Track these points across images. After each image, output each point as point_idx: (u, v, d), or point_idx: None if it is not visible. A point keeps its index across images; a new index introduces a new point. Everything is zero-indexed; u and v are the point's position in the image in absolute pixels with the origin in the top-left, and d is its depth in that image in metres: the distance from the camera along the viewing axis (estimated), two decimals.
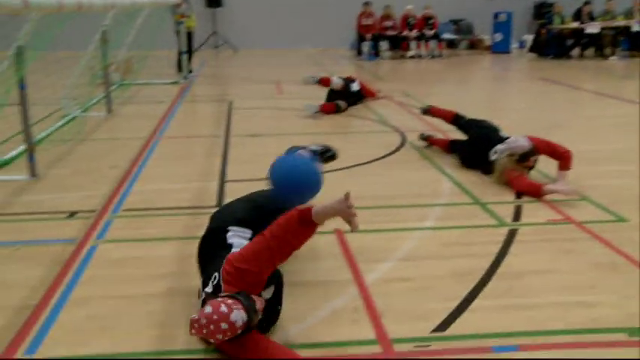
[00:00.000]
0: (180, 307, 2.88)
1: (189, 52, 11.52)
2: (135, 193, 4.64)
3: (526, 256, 3.51)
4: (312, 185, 2.82)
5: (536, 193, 4.51)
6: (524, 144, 4.79)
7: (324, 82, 7.96)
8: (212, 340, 2.32)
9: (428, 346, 2.60)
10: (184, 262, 3.38)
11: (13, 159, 5.50)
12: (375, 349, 2.58)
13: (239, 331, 2.30)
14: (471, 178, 5.00)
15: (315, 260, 3.44)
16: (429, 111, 6.27)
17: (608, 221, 4.05)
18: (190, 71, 11.48)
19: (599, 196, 4.52)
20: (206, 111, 8.41)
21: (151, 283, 3.14)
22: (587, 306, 2.93)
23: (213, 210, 3.47)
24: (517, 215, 4.17)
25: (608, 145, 6.19)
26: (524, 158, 4.77)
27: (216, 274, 2.53)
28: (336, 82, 7.95)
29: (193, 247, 3.50)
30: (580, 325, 2.76)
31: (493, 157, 4.95)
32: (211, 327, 2.25)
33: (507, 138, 5.03)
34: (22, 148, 5.54)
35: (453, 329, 2.73)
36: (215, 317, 2.26)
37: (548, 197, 4.45)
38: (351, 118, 7.63)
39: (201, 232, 3.05)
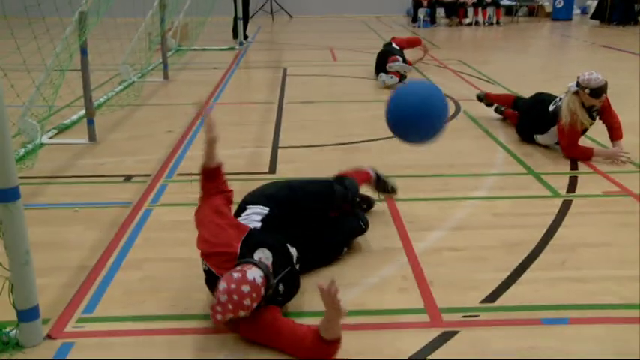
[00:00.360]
0: None
1: (245, 18, 11.51)
2: (189, 158, 4.71)
3: (580, 228, 3.41)
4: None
5: (587, 153, 4.52)
6: (598, 76, 4.46)
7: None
8: (243, 313, 2.20)
9: (476, 316, 2.57)
10: None
11: (73, 123, 5.65)
12: (424, 318, 2.56)
13: (263, 290, 2.22)
14: (526, 149, 4.87)
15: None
16: (484, 97, 5.82)
17: None
18: (246, 37, 11.48)
19: None
20: (260, 77, 8.43)
21: None
22: None
23: (267, 176, 3.49)
24: (572, 187, 4.04)
25: None
26: (598, 93, 4.43)
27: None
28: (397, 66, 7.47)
29: None
30: (634, 300, 2.67)
31: (554, 105, 4.73)
32: (234, 297, 2.15)
33: None
34: (82, 112, 5.69)
35: (503, 300, 2.69)
36: (233, 286, 2.16)
37: (605, 169, 4.30)
38: None
39: None
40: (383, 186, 3.61)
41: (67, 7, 4.90)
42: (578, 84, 4.54)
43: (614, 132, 4.63)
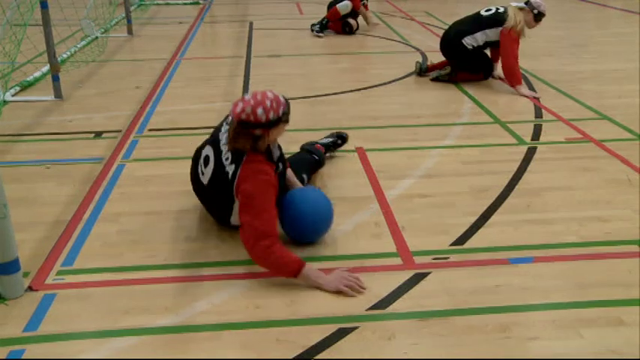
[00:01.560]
0: (209, 223, 2.98)
1: None
2: (158, 113, 4.69)
3: (544, 173, 3.54)
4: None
5: (516, 77, 5.07)
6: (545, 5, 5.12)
7: (332, 22, 7.71)
8: (260, 112, 2.49)
9: (447, 258, 2.68)
10: None
11: (37, 80, 5.55)
12: (396, 261, 2.66)
13: (281, 109, 2.55)
14: (492, 98, 4.97)
15: (339, 177, 3.50)
16: (428, 70, 5.72)
17: (627, 139, 4.04)
18: None
19: (620, 114, 4.49)
20: (226, 32, 8.32)
21: (178, 200, 3.23)
22: (601, 220, 2.98)
23: None
24: (536, 134, 4.16)
25: (631, 63, 6.06)
26: (539, 19, 5.10)
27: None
28: (344, 5, 7.58)
29: None
30: (594, 239, 2.81)
31: (489, 11, 5.24)
32: (258, 97, 2.54)
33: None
34: (45, 69, 5.58)
35: (471, 243, 2.81)
36: (259, 92, 2.58)
37: (567, 116, 4.45)
38: (371, 38, 7.51)
39: None
40: (334, 148, 3.78)
41: None
42: (528, 3, 5.07)
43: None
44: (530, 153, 3.82)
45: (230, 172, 2.59)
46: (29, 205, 3.21)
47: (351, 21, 7.66)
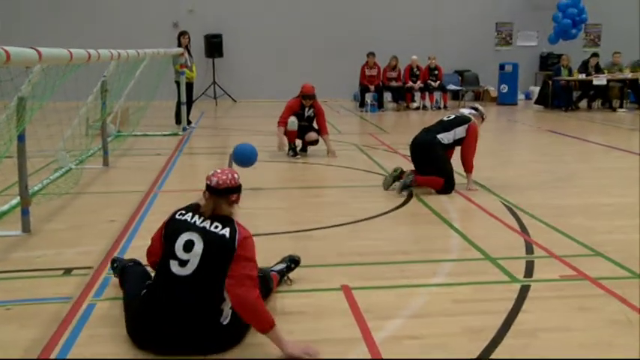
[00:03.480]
0: None
1: (189, 103, 11.73)
2: (134, 248, 4.68)
3: (540, 313, 3.54)
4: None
5: (471, 165, 6.51)
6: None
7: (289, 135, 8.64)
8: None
9: None
10: None
11: (4, 214, 5.53)
12: None
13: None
14: (480, 232, 5.06)
15: (323, 318, 3.47)
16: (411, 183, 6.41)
17: (623, 277, 4.10)
18: (189, 122, 11.66)
19: (613, 251, 4.58)
20: (206, 164, 8.53)
21: None
22: None
23: None
24: (529, 271, 4.21)
25: (620, 198, 6.28)
26: (484, 119, 6.85)
27: None
28: (291, 122, 8.51)
29: None
30: None
31: (453, 116, 6.70)
32: (223, 169, 3.18)
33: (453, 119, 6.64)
34: (14, 201, 5.59)
35: None
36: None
37: (560, 253, 4.53)
38: (354, 171, 7.73)
39: None
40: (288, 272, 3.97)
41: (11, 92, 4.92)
42: (477, 110, 6.79)
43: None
44: (524, 291, 3.84)
45: (227, 234, 3.03)
46: None
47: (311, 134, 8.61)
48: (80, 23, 16.30)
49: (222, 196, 3.14)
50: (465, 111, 6.77)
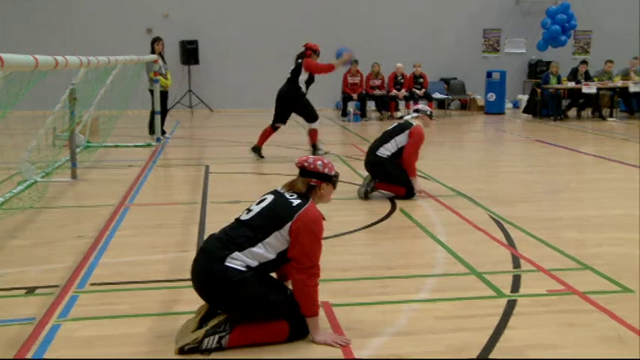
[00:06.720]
0: None
1: (163, 112, 11.70)
2: (103, 265, 4.66)
3: (527, 329, 3.58)
4: None
5: (412, 169, 6.71)
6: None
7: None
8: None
9: None
10: (160, 340, 3.40)
11: None
12: None
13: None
14: (467, 246, 5.10)
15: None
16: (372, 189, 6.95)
17: (613, 292, 4.15)
18: (163, 132, 11.63)
19: (603, 264, 4.64)
20: (181, 176, 8.52)
21: None
22: None
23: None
24: (516, 286, 4.25)
25: (611, 210, 6.36)
26: (432, 115, 7.06)
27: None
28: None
29: (170, 324, 3.55)
30: None
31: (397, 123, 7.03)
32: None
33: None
34: None
35: None
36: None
37: (547, 266, 4.58)
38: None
39: (180, 307, 3.07)
40: None
41: None
42: (418, 110, 7.02)
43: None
44: (510, 306, 3.88)
45: (295, 203, 3.39)
46: None
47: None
48: (49, 29, 16.23)
49: (300, 174, 3.53)
50: (408, 116, 7.08)
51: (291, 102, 9.43)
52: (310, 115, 9.57)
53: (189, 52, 17.05)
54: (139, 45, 14.08)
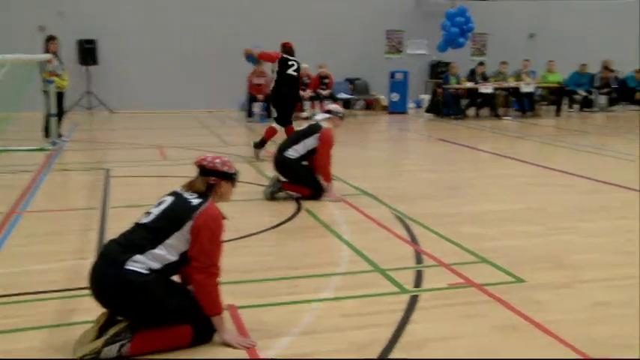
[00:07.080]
0: None
1: (59, 114, 11.26)
2: None
3: (428, 323, 3.70)
4: None
5: (327, 175, 6.73)
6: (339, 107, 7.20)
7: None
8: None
9: None
10: (57, 353, 3.29)
11: None
12: None
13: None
14: (370, 244, 5.21)
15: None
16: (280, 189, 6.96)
17: (508, 282, 4.36)
18: (60, 136, 11.21)
19: (500, 257, 4.85)
20: (79, 180, 8.24)
21: None
22: None
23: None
24: (418, 281, 4.38)
25: (508, 205, 6.65)
26: (342, 117, 7.05)
27: None
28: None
29: (66, 336, 3.43)
30: None
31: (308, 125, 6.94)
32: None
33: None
34: None
35: None
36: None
37: (448, 261, 4.74)
38: (240, 184, 7.70)
39: (77, 318, 2.98)
40: None
41: None
42: (331, 112, 6.94)
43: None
44: (413, 302, 4.00)
45: (195, 202, 3.38)
46: None
47: None
48: None
49: (199, 173, 3.50)
50: (319, 117, 7.05)
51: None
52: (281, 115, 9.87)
53: (87, 52, 16.51)
54: (31, 44, 13.46)
